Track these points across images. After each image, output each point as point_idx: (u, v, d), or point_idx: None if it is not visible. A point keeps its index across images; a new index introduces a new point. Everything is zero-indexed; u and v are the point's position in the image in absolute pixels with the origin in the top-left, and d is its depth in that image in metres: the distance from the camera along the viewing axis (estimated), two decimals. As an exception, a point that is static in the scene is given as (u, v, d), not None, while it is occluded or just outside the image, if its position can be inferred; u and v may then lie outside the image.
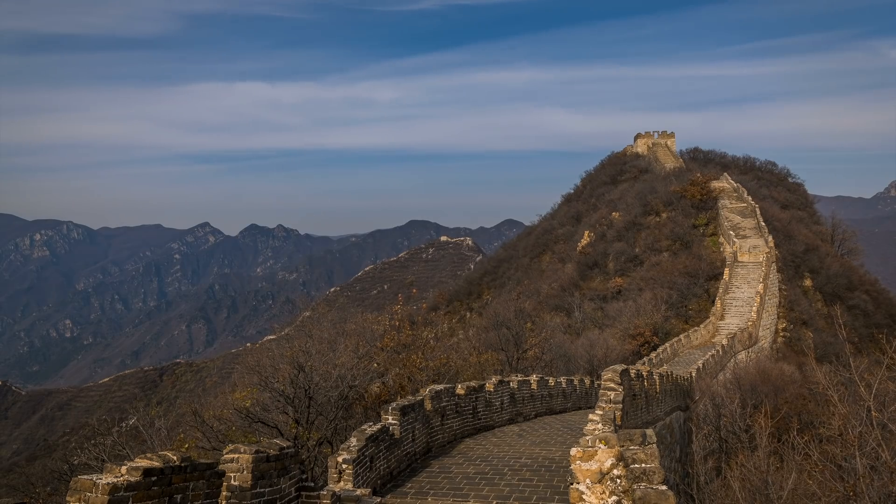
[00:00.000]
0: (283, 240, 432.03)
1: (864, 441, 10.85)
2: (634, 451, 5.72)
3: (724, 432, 22.42)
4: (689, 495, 14.68)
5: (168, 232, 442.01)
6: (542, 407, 19.39)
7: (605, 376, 11.32)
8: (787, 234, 65.08)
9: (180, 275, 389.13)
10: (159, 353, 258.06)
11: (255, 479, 6.27)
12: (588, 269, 69.14)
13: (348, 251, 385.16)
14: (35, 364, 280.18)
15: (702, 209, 69.45)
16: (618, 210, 79.25)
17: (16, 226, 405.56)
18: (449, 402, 13.31)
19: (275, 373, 16.97)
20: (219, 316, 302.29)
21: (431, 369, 20.33)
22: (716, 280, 53.62)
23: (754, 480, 13.16)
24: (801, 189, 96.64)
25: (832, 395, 12.08)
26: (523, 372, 25.14)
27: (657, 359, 35.14)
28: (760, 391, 24.61)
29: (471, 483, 9.85)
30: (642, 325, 44.99)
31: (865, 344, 48.60)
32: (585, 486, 5.79)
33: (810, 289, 60.71)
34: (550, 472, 10.35)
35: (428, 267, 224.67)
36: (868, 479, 10.26)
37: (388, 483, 10.00)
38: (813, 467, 11.91)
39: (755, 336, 45.41)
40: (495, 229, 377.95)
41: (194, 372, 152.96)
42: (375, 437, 9.64)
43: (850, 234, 79.15)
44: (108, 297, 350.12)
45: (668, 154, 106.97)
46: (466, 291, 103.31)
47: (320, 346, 18.95)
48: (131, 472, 4.96)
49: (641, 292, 52.96)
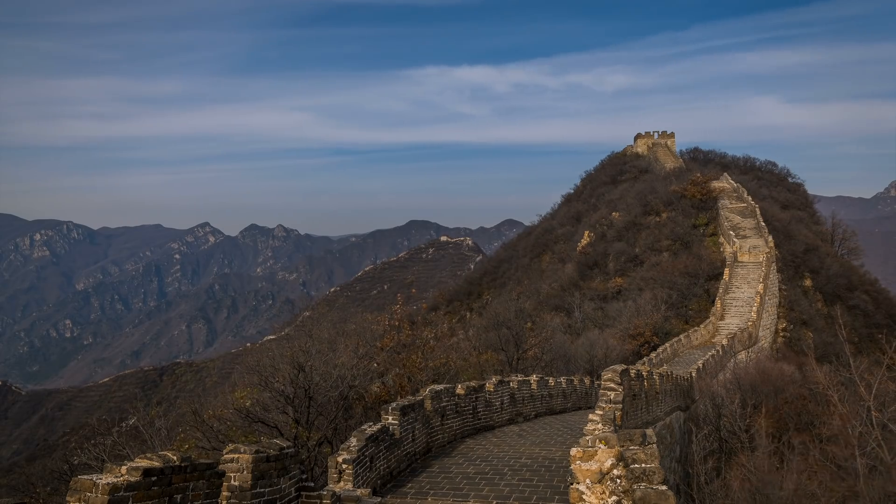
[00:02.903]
0: (283, 240, 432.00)
1: (864, 441, 10.86)
2: (634, 451, 5.72)
3: (724, 432, 22.41)
4: (689, 495, 14.67)
5: (168, 232, 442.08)
6: (542, 407, 19.38)
7: (605, 376, 11.32)
8: (787, 234, 65.08)
9: (180, 275, 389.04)
10: (159, 353, 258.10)
11: (255, 479, 6.27)
12: (588, 269, 69.13)
13: (348, 251, 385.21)
14: (35, 364, 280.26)
15: (702, 209, 69.45)
16: (618, 210, 79.26)
17: (16, 226, 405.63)
18: (449, 402, 13.31)
19: (275, 373, 16.96)
20: (219, 316, 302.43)
21: (431, 369, 20.33)
22: (716, 280, 53.61)
23: (754, 480, 13.16)
24: (801, 189, 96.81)
25: (832, 395, 12.09)
26: (523, 372, 25.14)
27: (657, 359, 35.12)
28: (760, 391, 24.60)
29: (471, 483, 9.85)
30: (642, 325, 44.98)
31: (865, 344, 48.65)
32: (585, 486, 5.79)
33: (810, 289, 60.70)
34: (550, 472, 10.35)
35: (428, 267, 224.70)
36: (868, 479, 10.26)
37: (388, 483, 9.99)
38: (813, 467, 11.90)
39: (755, 336, 45.41)
40: (495, 229, 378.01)
41: (194, 372, 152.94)
42: (375, 437, 9.64)
43: (850, 234, 79.21)
44: (108, 297, 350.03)
45: (668, 154, 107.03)
46: (466, 291, 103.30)
47: (320, 346, 18.95)
48: (131, 472, 4.96)
49: (641, 292, 52.95)
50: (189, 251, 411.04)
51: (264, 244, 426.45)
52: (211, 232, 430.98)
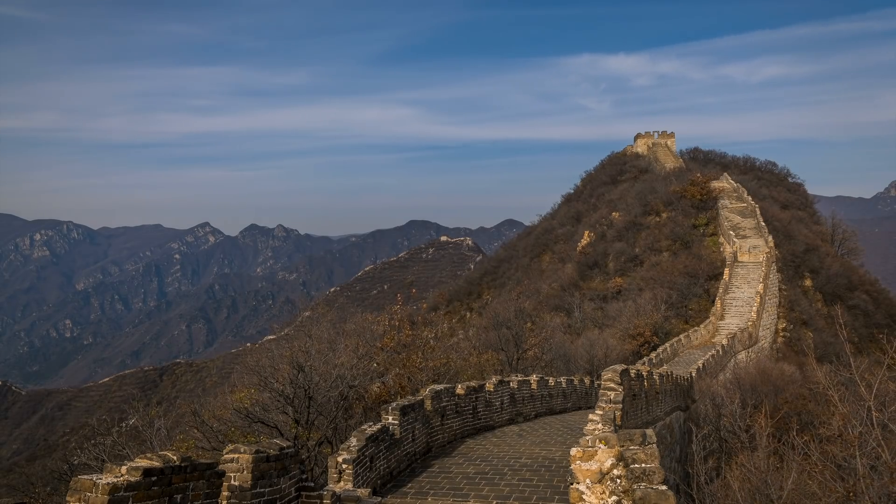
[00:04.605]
0: (283, 240, 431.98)
1: (864, 441, 10.85)
2: (634, 451, 5.72)
3: (724, 432, 22.41)
4: (689, 495, 14.67)
5: (168, 232, 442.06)
6: (542, 407, 19.38)
7: (605, 376, 11.32)
8: (787, 234, 65.07)
9: (180, 275, 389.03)
10: (159, 353, 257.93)
11: (255, 479, 6.27)
12: (588, 269, 69.15)
13: (348, 251, 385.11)
14: (35, 364, 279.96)
15: (702, 209, 69.46)
16: (618, 210, 79.27)
17: (16, 226, 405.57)
18: (449, 402, 13.31)
19: (274, 373, 16.96)
20: (219, 316, 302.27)
21: (431, 369, 20.32)
22: (716, 280, 53.62)
23: (754, 480, 13.15)
24: (801, 189, 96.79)
25: (832, 395, 12.07)
26: (523, 372, 25.14)
27: (657, 359, 35.13)
28: (760, 391, 24.61)
29: (471, 483, 9.85)
30: (642, 325, 44.98)
31: (865, 344, 48.64)
32: (585, 486, 5.79)
33: (810, 289, 60.69)
34: (550, 472, 10.34)
35: (428, 267, 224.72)
36: (868, 479, 10.26)
37: (388, 483, 9.99)
38: (813, 467, 11.89)
39: (755, 336, 45.41)
40: (495, 229, 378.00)
41: (194, 372, 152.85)
42: (375, 437, 9.64)
43: (850, 234, 79.15)
44: (108, 297, 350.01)
45: (668, 154, 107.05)
46: (466, 291, 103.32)
47: (320, 346, 18.95)
48: (131, 472, 4.96)
49: (641, 292, 52.96)
50: (189, 251, 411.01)
51: (264, 244, 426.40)
52: (211, 232, 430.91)
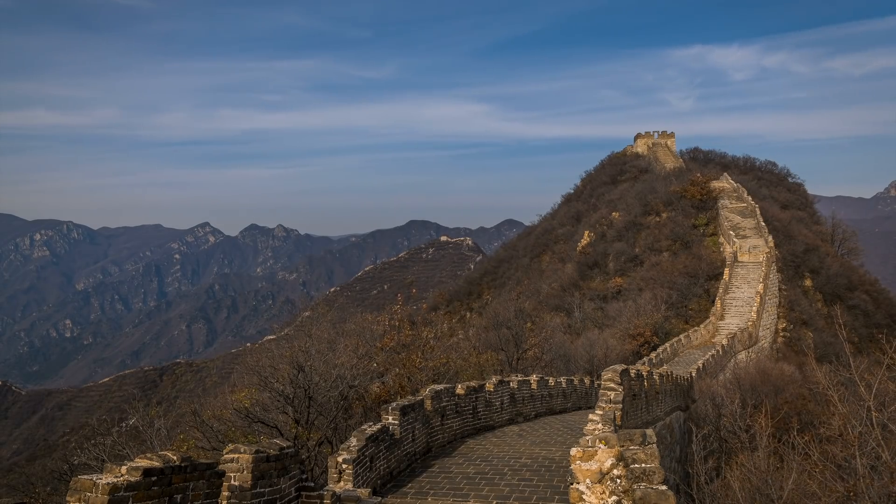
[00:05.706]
0: (283, 240, 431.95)
1: (864, 441, 10.85)
2: (634, 451, 5.72)
3: (724, 432, 22.40)
4: (689, 495, 14.67)
5: (168, 232, 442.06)
6: (542, 407, 19.38)
7: (605, 376, 11.32)
8: (787, 234, 65.06)
9: (180, 275, 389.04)
10: (159, 353, 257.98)
11: (255, 478, 6.27)
12: (588, 269, 69.14)
13: (348, 251, 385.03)
14: (35, 364, 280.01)
15: (702, 209, 69.46)
16: (618, 210, 79.25)
17: (16, 226, 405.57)
18: (449, 402, 13.30)
19: (274, 373, 16.96)
20: (219, 316, 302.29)
21: (431, 369, 20.32)
22: (716, 280, 53.61)
23: (754, 480, 13.16)
24: (801, 189, 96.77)
25: (832, 395, 12.08)
26: (523, 372, 25.14)
27: (657, 359, 35.12)
28: (760, 391, 24.60)
29: (471, 483, 9.85)
30: (642, 325, 44.97)
31: (865, 344, 48.59)
32: (585, 486, 5.79)
33: (810, 289, 60.69)
34: (550, 472, 10.34)
35: (428, 267, 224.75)
36: (868, 479, 10.26)
37: (388, 483, 9.99)
38: (813, 467, 11.90)
39: (755, 336, 45.41)
40: (495, 229, 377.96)
41: (194, 372, 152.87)
42: (375, 437, 9.64)
43: (850, 234, 79.14)
44: (108, 297, 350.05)
45: (668, 154, 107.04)
46: (466, 291, 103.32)
47: (320, 346, 18.95)
48: (131, 472, 4.96)
49: (641, 292, 52.95)
50: (189, 251, 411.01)
51: (264, 244, 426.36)
52: (211, 232, 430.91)
